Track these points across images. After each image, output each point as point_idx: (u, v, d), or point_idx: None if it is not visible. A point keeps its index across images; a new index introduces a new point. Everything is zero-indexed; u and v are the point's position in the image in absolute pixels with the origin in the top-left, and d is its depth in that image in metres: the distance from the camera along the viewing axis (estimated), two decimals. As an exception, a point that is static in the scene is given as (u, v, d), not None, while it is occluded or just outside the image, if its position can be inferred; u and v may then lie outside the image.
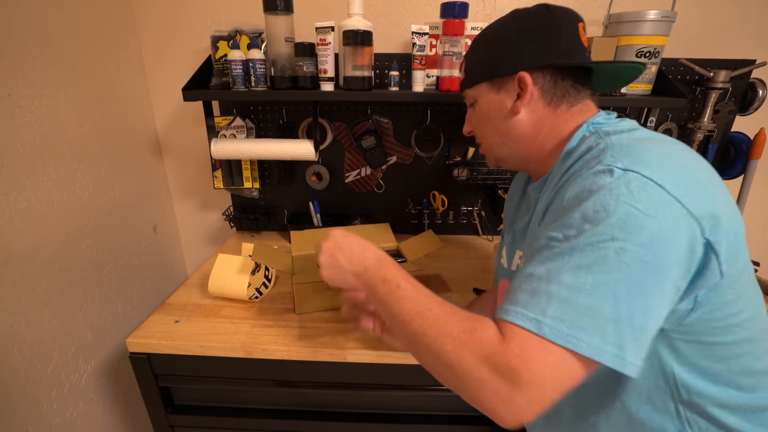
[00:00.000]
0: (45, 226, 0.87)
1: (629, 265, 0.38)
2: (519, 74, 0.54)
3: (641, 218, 0.39)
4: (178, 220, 1.39)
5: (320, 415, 0.85)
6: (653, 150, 0.44)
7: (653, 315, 0.40)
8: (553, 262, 0.41)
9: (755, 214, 1.26)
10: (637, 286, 0.38)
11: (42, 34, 0.85)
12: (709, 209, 0.41)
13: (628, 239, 0.38)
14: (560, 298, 0.39)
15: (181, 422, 0.87)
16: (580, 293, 0.38)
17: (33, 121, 0.84)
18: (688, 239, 0.40)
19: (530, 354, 0.38)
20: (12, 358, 0.80)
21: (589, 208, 0.41)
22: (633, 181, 0.40)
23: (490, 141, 0.62)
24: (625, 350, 0.38)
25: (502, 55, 0.56)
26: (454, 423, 0.85)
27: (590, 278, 0.39)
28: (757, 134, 1.09)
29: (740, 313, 0.45)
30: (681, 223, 0.40)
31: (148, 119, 1.23)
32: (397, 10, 1.12)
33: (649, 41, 0.95)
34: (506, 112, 0.57)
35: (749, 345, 0.47)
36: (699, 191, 0.42)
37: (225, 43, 1.02)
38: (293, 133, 1.19)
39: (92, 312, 1.01)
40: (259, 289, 0.93)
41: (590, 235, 0.40)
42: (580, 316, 0.38)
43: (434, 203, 1.24)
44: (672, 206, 0.40)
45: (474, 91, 0.61)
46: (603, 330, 0.38)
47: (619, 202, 0.39)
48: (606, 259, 0.39)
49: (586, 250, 0.39)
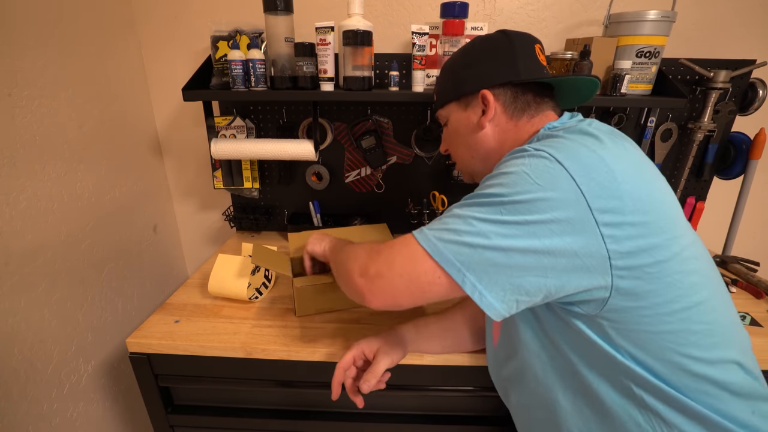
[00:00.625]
0: (45, 226, 0.87)
1: (503, 214, 0.45)
2: (482, 92, 0.60)
3: (529, 183, 0.45)
4: (178, 220, 1.39)
5: (320, 415, 0.85)
6: (576, 140, 0.48)
7: (514, 261, 0.44)
8: (457, 204, 0.51)
9: (755, 214, 1.26)
10: (503, 231, 0.45)
11: (42, 34, 0.85)
12: (608, 194, 0.44)
13: (510, 196, 0.45)
14: (442, 221, 0.49)
15: (181, 422, 0.87)
16: (456, 219, 0.48)
17: (33, 121, 0.84)
18: (572, 212, 0.43)
19: (396, 246, 0.51)
20: (12, 358, 0.80)
21: (494, 173, 0.50)
22: (537, 156, 0.47)
23: (462, 156, 0.68)
24: (469, 270, 0.45)
25: (466, 76, 0.63)
26: (454, 423, 0.85)
27: (469, 212, 0.47)
28: (757, 134, 1.09)
29: (671, 302, 0.45)
30: (568, 195, 0.44)
31: (148, 119, 1.23)
32: (397, 10, 1.12)
33: (649, 41, 0.95)
34: (473, 127, 0.63)
35: (691, 336, 0.46)
36: (603, 176, 0.44)
37: (225, 43, 1.02)
38: (293, 133, 1.19)
39: (92, 312, 1.01)
40: (259, 290, 0.93)
41: (487, 187, 0.48)
42: (446, 232, 0.47)
43: (434, 203, 1.24)
44: (565, 182, 0.44)
45: (445, 110, 0.68)
46: (457, 248, 0.46)
47: (517, 169, 0.47)
48: (487, 203, 0.47)
49: (479, 196, 0.48)
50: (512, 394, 0.66)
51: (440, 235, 0.47)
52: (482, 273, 0.45)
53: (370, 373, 0.64)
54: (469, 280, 0.45)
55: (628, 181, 0.45)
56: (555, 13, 1.09)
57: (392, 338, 0.70)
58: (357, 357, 0.67)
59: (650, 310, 0.46)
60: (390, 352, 0.66)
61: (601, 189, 0.44)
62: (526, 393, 0.61)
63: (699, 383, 0.46)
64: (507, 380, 0.66)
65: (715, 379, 0.46)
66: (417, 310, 0.89)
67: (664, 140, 1.16)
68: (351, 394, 0.66)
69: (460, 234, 0.46)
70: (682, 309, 0.46)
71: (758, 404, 0.48)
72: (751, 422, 0.46)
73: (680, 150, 1.18)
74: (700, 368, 0.46)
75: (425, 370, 0.77)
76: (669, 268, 0.45)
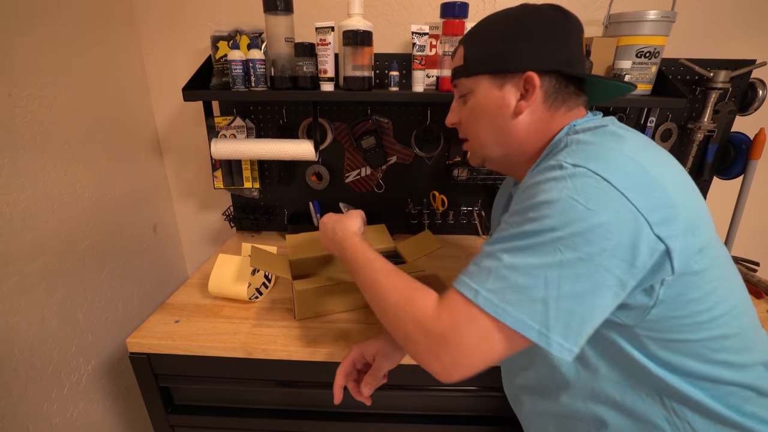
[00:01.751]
0: (45, 226, 0.87)
1: (563, 252, 0.40)
2: (527, 74, 0.52)
3: (581, 211, 0.40)
4: (178, 220, 1.39)
5: (320, 415, 0.85)
6: (609, 146, 0.45)
7: (587, 303, 0.41)
8: (500, 243, 0.45)
9: (755, 214, 1.26)
10: (570, 273, 0.41)
11: (42, 34, 0.85)
12: (660, 204, 0.41)
13: (566, 229, 0.41)
14: (498, 275, 0.43)
15: (181, 422, 0.87)
16: (515, 272, 0.42)
17: (33, 121, 0.84)
18: (632, 234, 0.40)
19: (460, 323, 0.43)
20: (12, 358, 0.80)
21: (535, 199, 0.44)
22: (578, 175, 0.42)
23: (483, 139, 0.59)
24: (550, 330, 0.41)
25: (510, 49, 0.53)
26: (454, 423, 0.85)
27: (526, 260, 0.42)
28: (757, 134, 1.09)
29: (710, 310, 0.45)
30: (625, 217, 0.40)
31: (148, 119, 1.23)
32: (397, 10, 1.12)
33: (649, 41, 0.95)
34: (508, 112, 0.54)
35: (726, 341, 0.46)
36: (651, 187, 0.42)
37: (225, 43, 1.02)
38: (293, 133, 1.19)
39: (92, 312, 1.01)
40: (259, 290, 0.93)
41: (533, 222, 0.43)
42: (512, 291, 0.42)
43: (434, 203, 1.24)
44: (617, 201, 0.41)
45: (471, 81, 0.57)
46: (531, 308, 0.41)
47: (562, 195, 0.42)
48: (543, 245, 0.41)
49: (527, 235, 0.43)
50: (527, 401, 0.64)
51: (506, 297, 0.42)
52: (566, 329, 0.41)
53: (370, 376, 0.63)
54: (555, 341, 0.41)
55: (673, 188, 0.43)
56: (555, 13, 1.09)
57: (391, 340, 0.68)
58: (357, 360, 0.66)
59: (690, 318, 0.45)
60: (390, 355, 0.65)
61: (653, 201, 0.41)
62: (545, 402, 0.59)
63: (730, 387, 0.47)
64: (522, 388, 0.64)
65: (745, 382, 0.47)
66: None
67: (664, 140, 1.16)
68: (357, 396, 0.65)
69: (526, 290, 0.41)
70: (720, 315, 0.46)
71: None
72: None
73: (680, 150, 1.18)
74: (731, 372, 0.46)
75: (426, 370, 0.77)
76: (711, 275, 0.45)
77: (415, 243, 0.98)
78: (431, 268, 1.05)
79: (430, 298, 0.47)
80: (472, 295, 0.43)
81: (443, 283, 0.99)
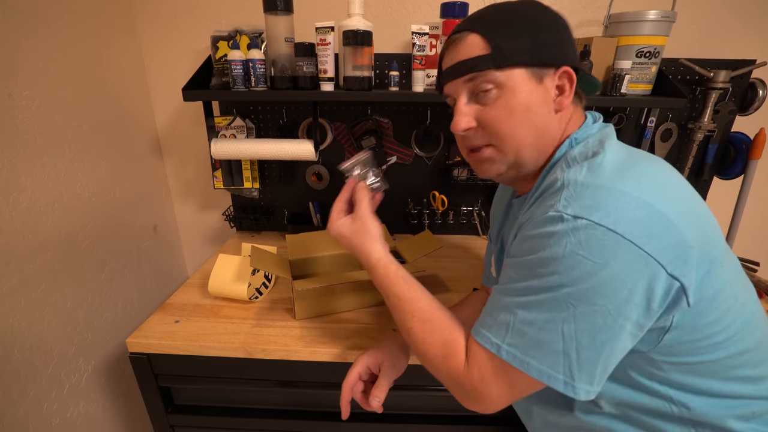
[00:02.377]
0: (45, 226, 0.87)
1: (576, 306, 0.41)
2: (565, 68, 0.50)
3: (589, 266, 0.40)
4: (178, 220, 1.39)
5: (320, 415, 0.85)
6: (610, 188, 0.42)
7: (607, 349, 0.42)
8: (512, 297, 0.46)
9: (755, 214, 1.26)
10: (585, 326, 0.41)
11: (42, 34, 0.85)
12: (672, 243, 0.40)
13: (576, 286, 0.41)
14: (516, 330, 0.44)
15: (181, 422, 0.87)
16: (532, 327, 0.43)
17: (33, 121, 0.84)
18: (647, 279, 0.40)
19: (488, 377, 0.47)
20: (12, 358, 0.80)
21: (539, 253, 0.43)
22: (581, 228, 0.40)
23: (522, 139, 0.51)
24: (575, 379, 0.42)
25: (550, 42, 0.50)
26: (454, 423, 0.85)
27: (541, 315, 0.43)
28: (757, 134, 1.09)
29: (725, 330, 0.45)
30: (636, 265, 0.39)
31: (148, 119, 1.23)
32: (397, 10, 1.12)
33: (649, 41, 0.95)
34: (551, 108, 0.51)
35: (743, 356, 0.46)
36: (660, 227, 0.40)
37: (225, 43, 1.02)
38: (293, 133, 1.19)
39: (92, 312, 1.01)
40: (259, 290, 0.93)
41: (541, 278, 0.43)
42: (532, 346, 0.43)
43: (434, 203, 1.24)
44: (626, 250, 0.39)
45: (506, 74, 0.49)
46: (553, 360, 0.43)
47: (567, 251, 0.41)
48: (555, 301, 0.42)
49: (538, 290, 0.43)
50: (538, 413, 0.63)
51: (528, 351, 0.43)
52: (589, 377, 0.42)
53: (378, 388, 0.62)
54: (581, 388, 0.43)
55: (681, 220, 0.41)
56: (555, 13, 1.09)
57: (395, 348, 0.67)
58: (362, 373, 0.65)
59: (706, 341, 0.45)
60: (396, 364, 0.65)
61: (665, 241, 0.40)
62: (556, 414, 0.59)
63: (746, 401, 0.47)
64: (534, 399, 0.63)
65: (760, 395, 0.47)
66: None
67: (664, 140, 1.16)
68: (366, 407, 0.64)
69: (546, 344, 0.42)
70: (736, 332, 0.45)
71: None
72: None
73: (680, 150, 1.18)
74: (749, 387, 0.47)
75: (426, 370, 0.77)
76: (724, 296, 0.44)
77: (415, 243, 0.98)
78: (431, 268, 1.05)
79: (461, 351, 0.50)
80: (495, 350, 0.46)
81: (444, 284, 0.99)
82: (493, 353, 0.46)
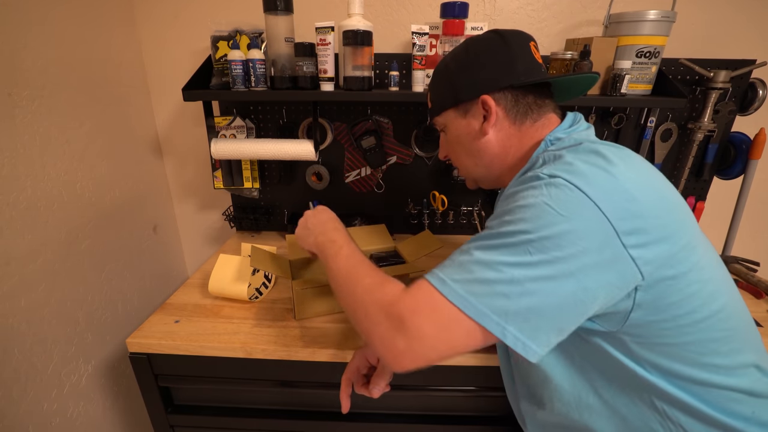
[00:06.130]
0: (45, 226, 0.87)
1: (532, 254, 0.42)
2: (482, 97, 0.57)
3: (552, 215, 0.43)
4: (178, 220, 1.39)
5: (320, 415, 0.85)
6: (585, 160, 0.47)
7: (549, 303, 0.42)
8: (475, 242, 0.47)
9: (755, 214, 1.26)
10: (535, 274, 0.42)
11: (41, 34, 0.85)
12: (630, 215, 0.43)
13: (537, 233, 0.43)
14: (467, 268, 0.45)
15: (181, 422, 0.87)
16: (484, 266, 0.44)
17: (33, 121, 0.84)
18: (600, 241, 0.42)
19: (421, 309, 0.44)
20: (12, 358, 0.80)
21: (513, 204, 0.47)
22: (554, 184, 0.45)
23: (465, 164, 0.66)
24: (508, 322, 0.42)
25: (463, 82, 0.60)
26: (454, 423, 0.85)
27: (496, 257, 0.44)
28: (757, 134, 1.09)
29: (692, 313, 0.46)
30: (595, 225, 0.42)
31: (148, 119, 1.23)
32: (397, 10, 1.12)
33: (649, 41, 0.95)
34: (475, 134, 0.60)
35: (711, 344, 0.47)
36: (622, 198, 0.44)
37: (225, 43, 1.02)
38: (293, 133, 1.19)
39: (92, 312, 1.01)
40: (259, 290, 0.93)
41: (508, 224, 0.45)
42: (478, 284, 0.43)
43: (434, 203, 1.24)
44: (588, 209, 0.43)
45: (442, 118, 0.64)
46: (492, 300, 0.42)
47: (537, 200, 0.44)
48: (513, 245, 0.43)
49: (500, 235, 0.45)
50: (528, 412, 0.65)
51: (471, 288, 0.43)
52: (523, 323, 0.42)
53: (378, 376, 0.63)
54: (510, 332, 0.42)
55: (645, 198, 0.44)
56: (555, 13, 1.09)
57: None
58: (361, 365, 0.66)
59: (672, 322, 0.46)
60: None
61: (623, 211, 0.43)
62: (544, 412, 0.61)
63: (720, 390, 0.47)
64: (522, 399, 0.65)
65: (735, 385, 0.47)
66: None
67: (664, 140, 1.16)
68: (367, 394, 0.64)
69: (491, 284, 0.43)
70: (703, 318, 0.46)
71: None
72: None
73: (680, 150, 1.18)
74: (720, 376, 0.47)
75: (425, 370, 0.77)
76: (689, 279, 0.45)
77: (415, 243, 0.98)
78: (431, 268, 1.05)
79: (399, 286, 0.49)
80: (438, 284, 0.45)
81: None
82: (436, 287, 0.44)
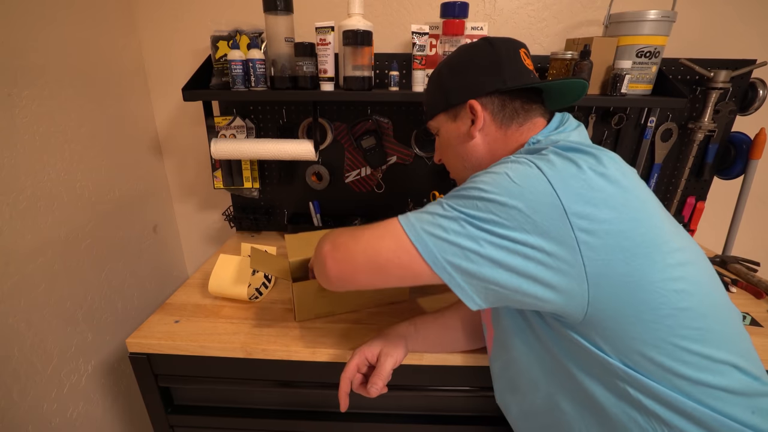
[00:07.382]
0: (45, 226, 0.87)
1: (480, 210, 0.47)
2: (469, 102, 0.60)
3: (508, 183, 0.47)
4: (178, 220, 1.39)
5: (320, 415, 0.85)
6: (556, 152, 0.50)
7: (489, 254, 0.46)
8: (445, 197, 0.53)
9: (755, 214, 1.26)
10: (479, 225, 0.47)
11: (42, 34, 0.85)
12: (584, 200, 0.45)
13: (490, 194, 0.47)
14: (426, 210, 0.52)
15: (181, 422, 0.87)
16: (436, 207, 0.51)
17: (33, 121, 0.84)
18: (545, 215, 0.45)
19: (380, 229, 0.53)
20: (12, 358, 0.80)
21: (481, 172, 0.52)
22: (519, 162, 0.49)
23: (455, 166, 0.68)
24: (441, 253, 0.48)
25: (453, 87, 0.63)
26: (454, 423, 0.85)
27: (448, 204, 0.50)
28: (757, 134, 1.09)
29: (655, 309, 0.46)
30: (545, 200, 0.45)
31: (148, 119, 1.23)
32: (397, 10, 1.12)
33: (650, 41, 0.95)
34: (463, 138, 0.63)
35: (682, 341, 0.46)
36: (580, 186, 0.46)
37: (225, 43, 1.02)
38: (293, 133, 1.19)
39: (92, 312, 1.01)
40: (259, 290, 0.93)
41: (467, 184, 0.51)
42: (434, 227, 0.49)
43: (434, 203, 1.24)
44: (542, 185, 0.46)
45: (435, 122, 0.68)
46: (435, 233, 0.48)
47: (499, 170, 0.49)
48: (467, 198, 0.49)
49: (459, 191, 0.51)
50: (512, 404, 0.65)
51: (428, 229, 0.49)
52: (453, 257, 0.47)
53: (376, 375, 0.63)
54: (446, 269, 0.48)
55: (603, 190, 0.46)
56: (555, 13, 1.09)
57: (393, 338, 0.69)
58: (360, 364, 0.66)
59: (634, 317, 0.46)
60: (392, 353, 0.66)
61: (576, 195, 0.45)
62: (526, 402, 0.61)
63: (694, 386, 0.46)
64: (506, 390, 0.66)
65: (710, 382, 0.46)
66: (414, 309, 0.89)
67: (665, 140, 1.16)
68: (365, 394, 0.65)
69: (447, 231, 0.48)
70: (666, 315, 0.46)
71: (759, 402, 0.47)
72: (751, 421, 0.46)
73: (680, 150, 1.18)
74: (693, 372, 0.46)
75: (425, 370, 0.77)
76: (649, 276, 0.45)
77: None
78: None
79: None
80: (403, 220, 0.51)
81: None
82: (399, 221, 0.51)
